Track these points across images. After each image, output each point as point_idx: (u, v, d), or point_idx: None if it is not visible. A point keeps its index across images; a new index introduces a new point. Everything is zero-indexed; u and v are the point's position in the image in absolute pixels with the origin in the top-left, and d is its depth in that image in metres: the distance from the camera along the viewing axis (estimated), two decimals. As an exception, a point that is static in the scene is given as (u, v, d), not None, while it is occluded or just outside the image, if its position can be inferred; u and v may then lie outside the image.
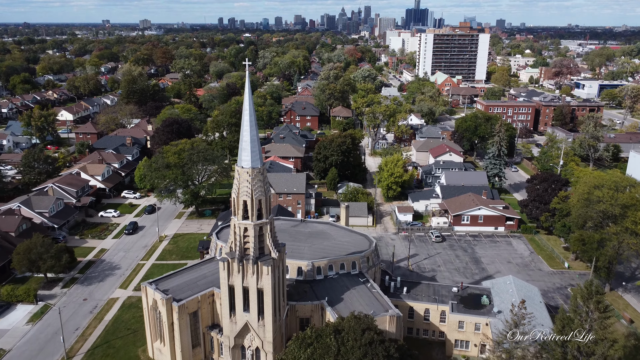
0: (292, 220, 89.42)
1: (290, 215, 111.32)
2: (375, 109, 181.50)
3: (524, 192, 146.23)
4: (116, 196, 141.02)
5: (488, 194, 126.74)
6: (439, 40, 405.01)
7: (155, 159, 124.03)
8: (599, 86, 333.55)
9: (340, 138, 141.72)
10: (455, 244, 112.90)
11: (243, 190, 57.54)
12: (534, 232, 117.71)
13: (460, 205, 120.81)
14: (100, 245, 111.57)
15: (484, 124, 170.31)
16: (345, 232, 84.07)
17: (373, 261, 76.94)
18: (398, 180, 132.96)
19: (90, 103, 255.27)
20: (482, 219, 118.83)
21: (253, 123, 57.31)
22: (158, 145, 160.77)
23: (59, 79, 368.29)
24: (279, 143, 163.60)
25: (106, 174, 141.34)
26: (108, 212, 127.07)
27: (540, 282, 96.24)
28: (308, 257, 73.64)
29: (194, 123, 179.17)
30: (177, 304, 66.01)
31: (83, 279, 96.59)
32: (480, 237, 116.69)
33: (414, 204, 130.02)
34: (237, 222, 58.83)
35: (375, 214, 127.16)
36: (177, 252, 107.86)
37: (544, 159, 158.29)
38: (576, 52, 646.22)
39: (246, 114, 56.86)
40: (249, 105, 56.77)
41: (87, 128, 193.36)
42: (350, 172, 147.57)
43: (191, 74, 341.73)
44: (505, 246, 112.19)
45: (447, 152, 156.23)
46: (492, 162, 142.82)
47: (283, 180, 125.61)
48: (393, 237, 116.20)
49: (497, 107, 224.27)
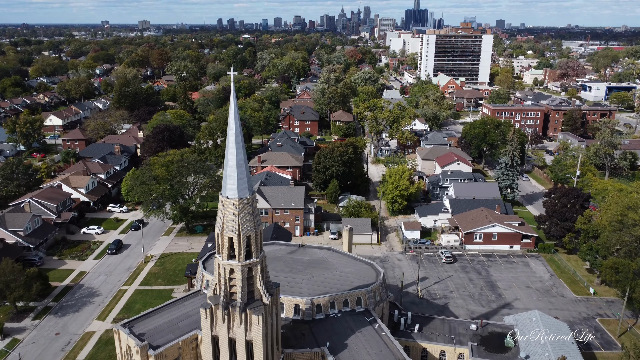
0: (289, 245, 79.91)
1: (287, 234, 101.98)
2: (377, 115, 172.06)
3: (538, 205, 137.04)
4: (101, 210, 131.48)
5: (502, 209, 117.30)
6: (441, 41, 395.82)
7: (141, 171, 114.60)
8: (607, 88, 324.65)
9: (341, 147, 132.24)
10: (468, 265, 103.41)
11: (228, 224, 48.07)
12: (552, 251, 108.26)
13: (472, 222, 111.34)
14: (80, 267, 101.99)
15: (494, 131, 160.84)
16: (348, 261, 74.54)
17: (381, 296, 67.47)
18: (404, 194, 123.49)
19: (81, 107, 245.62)
20: (496, 237, 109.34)
21: (240, 144, 47.84)
22: (148, 153, 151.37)
23: (52, 81, 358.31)
24: (277, 151, 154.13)
25: (91, 186, 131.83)
26: (91, 229, 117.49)
27: (564, 311, 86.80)
28: (307, 293, 64.20)
29: (187, 130, 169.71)
30: (153, 352, 56.49)
31: (57, 309, 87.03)
32: (495, 257, 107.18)
33: (421, 219, 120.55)
34: (221, 262, 49.40)
35: (379, 230, 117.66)
36: (164, 276, 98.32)
37: (558, 168, 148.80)
38: (578, 53, 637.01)
39: (231, 133, 47.38)
40: (234, 124, 47.29)
41: (75, 134, 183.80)
42: (352, 182, 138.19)
43: (187, 77, 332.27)
44: (522, 268, 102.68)
45: (455, 161, 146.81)
46: (504, 172, 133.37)
47: (280, 194, 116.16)
48: (400, 258, 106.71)
49: (505, 112, 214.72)
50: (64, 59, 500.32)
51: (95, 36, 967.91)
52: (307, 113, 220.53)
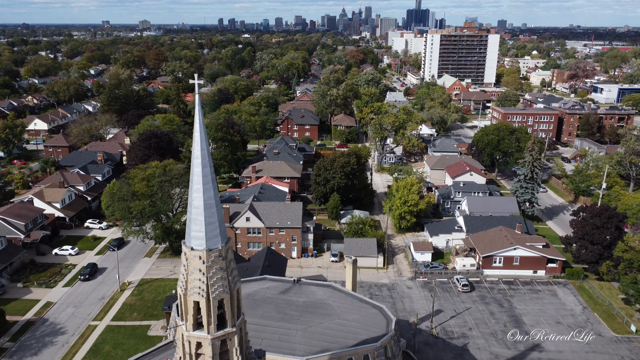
0: (282, 282, 67.59)
1: (282, 261, 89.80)
2: (382, 120, 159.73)
3: (559, 220, 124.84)
4: (79, 226, 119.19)
5: (522, 227, 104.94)
6: (446, 41, 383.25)
7: (120, 186, 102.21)
8: (619, 90, 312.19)
9: (343, 157, 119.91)
10: (487, 295, 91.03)
11: (194, 285, 35.79)
12: (582, 278, 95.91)
13: (491, 244, 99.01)
14: (46, 296, 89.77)
15: (508, 137, 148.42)
16: (353, 304, 62.23)
17: (393, 351, 55.25)
18: (413, 210, 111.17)
19: (69, 110, 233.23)
20: (518, 261, 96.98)
21: (209, 177, 35.52)
22: (134, 162, 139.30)
23: (45, 82, 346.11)
24: (273, 160, 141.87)
25: (67, 200, 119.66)
26: (64, 250, 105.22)
27: (603, 354, 74.50)
28: (302, 351, 52.03)
29: (177, 136, 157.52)
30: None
31: (14, 351, 74.76)
32: (517, 285, 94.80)
33: (433, 239, 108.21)
34: (185, 333, 37.17)
35: (386, 251, 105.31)
36: (140, 308, 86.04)
37: (579, 178, 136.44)
38: (584, 53, 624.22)
39: (197, 163, 35.02)
40: (200, 149, 34.97)
41: (58, 140, 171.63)
42: (355, 195, 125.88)
43: (182, 78, 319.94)
44: (549, 298, 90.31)
45: (468, 171, 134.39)
46: (522, 185, 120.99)
47: (275, 211, 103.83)
48: (409, 285, 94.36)
49: (516, 116, 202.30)
50: (60, 59, 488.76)
51: (95, 36, 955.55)
52: (306, 117, 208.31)
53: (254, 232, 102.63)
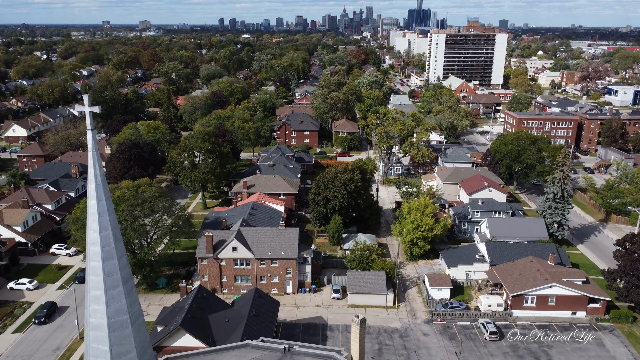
0: (269, 350, 52.37)
1: (273, 305, 74.67)
2: (388, 127, 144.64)
3: (592, 244, 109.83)
4: (43, 252, 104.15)
5: (556, 257, 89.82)
6: (451, 40, 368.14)
7: (82, 210, 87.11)
8: (634, 92, 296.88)
9: (346, 173, 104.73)
10: (520, 346, 75.77)
11: None
12: (631, 321, 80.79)
13: (521, 279, 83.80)
14: (-10, 346, 74.90)
15: (529, 148, 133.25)
16: (361, 388, 47.12)
17: None
18: (427, 235, 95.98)
19: (52, 115, 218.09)
20: (553, 300, 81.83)
21: (117, 275, 20.48)
22: (112, 176, 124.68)
23: (34, 83, 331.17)
24: (267, 174, 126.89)
25: (31, 221, 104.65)
26: (20, 283, 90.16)
27: None
28: None
29: (162, 145, 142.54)
30: None
31: None
32: (554, 330, 79.59)
33: (450, 270, 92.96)
34: None
35: (396, 286, 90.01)
36: (101, 364, 70.95)
37: (611, 194, 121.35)
38: (590, 53, 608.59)
39: (94, 252, 20.00)
40: (100, 231, 19.93)
41: (33, 149, 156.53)
42: (359, 214, 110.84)
43: (176, 79, 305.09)
44: (595, 349, 75.10)
45: (486, 187, 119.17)
46: (551, 205, 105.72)
47: (267, 239, 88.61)
48: (425, 330, 79.19)
49: (532, 121, 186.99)
50: (54, 59, 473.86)
51: (94, 36, 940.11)
52: (305, 122, 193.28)
53: (241, 264, 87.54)
